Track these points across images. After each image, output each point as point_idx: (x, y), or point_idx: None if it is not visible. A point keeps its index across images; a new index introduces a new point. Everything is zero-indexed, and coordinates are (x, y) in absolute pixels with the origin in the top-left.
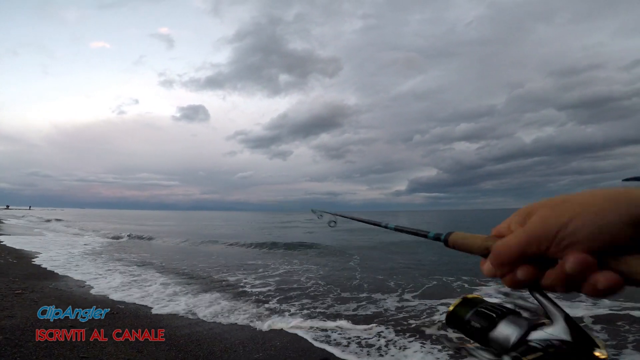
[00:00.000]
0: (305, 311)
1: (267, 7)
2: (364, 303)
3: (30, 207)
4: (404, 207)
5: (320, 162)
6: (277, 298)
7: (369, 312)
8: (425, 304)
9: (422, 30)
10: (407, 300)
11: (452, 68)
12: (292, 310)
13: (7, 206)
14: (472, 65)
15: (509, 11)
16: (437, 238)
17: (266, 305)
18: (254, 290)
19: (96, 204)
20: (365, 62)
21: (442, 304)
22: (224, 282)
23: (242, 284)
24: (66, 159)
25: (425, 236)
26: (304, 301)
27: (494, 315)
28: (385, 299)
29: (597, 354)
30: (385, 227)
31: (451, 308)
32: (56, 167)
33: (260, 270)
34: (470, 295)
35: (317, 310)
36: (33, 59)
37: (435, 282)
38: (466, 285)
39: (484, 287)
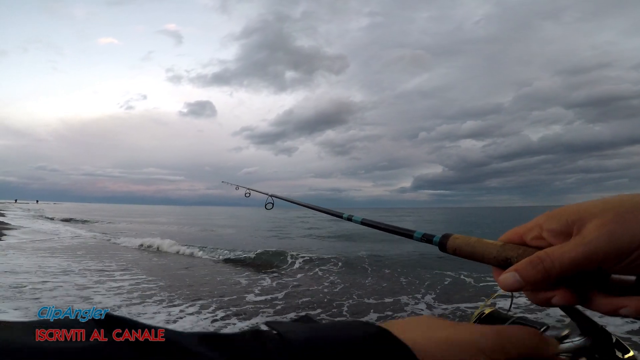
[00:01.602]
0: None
1: (275, 4)
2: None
3: (37, 201)
4: (408, 204)
5: (325, 158)
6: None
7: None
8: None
9: (429, 28)
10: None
11: (459, 66)
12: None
13: (16, 200)
14: (479, 63)
15: (517, 9)
16: (427, 240)
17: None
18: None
19: (102, 199)
20: (371, 59)
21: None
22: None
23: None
24: (73, 154)
25: (409, 236)
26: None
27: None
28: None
29: (627, 357)
30: (348, 219)
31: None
32: (63, 161)
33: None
34: (487, 310)
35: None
36: (42, 55)
37: (450, 280)
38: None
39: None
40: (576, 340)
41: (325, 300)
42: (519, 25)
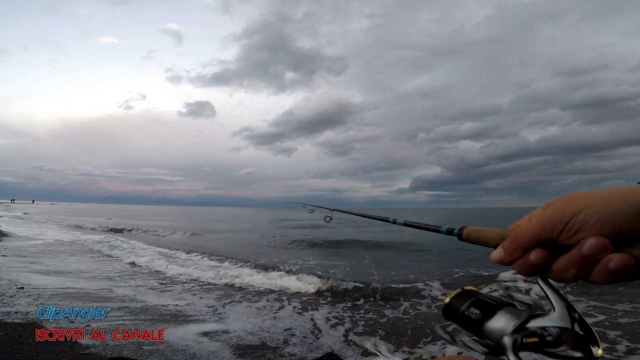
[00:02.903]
0: None
1: (276, 5)
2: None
3: (33, 201)
4: (407, 204)
5: (324, 159)
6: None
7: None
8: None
9: (430, 29)
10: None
11: (459, 67)
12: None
13: (13, 200)
14: (480, 64)
15: (517, 11)
16: (450, 232)
17: None
18: None
19: (100, 199)
20: (372, 60)
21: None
22: None
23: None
24: (71, 154)
25: (437, 231)
26: None
27: (491, 305)
28: None
29: (593, 348)
30: (394, 222)
31: (447, 300)
32: (61, 161)
33: None
34: (467, 287)
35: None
36: (43, 54)
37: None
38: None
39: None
40: (547, 316)
41: None
42: (520, 27)
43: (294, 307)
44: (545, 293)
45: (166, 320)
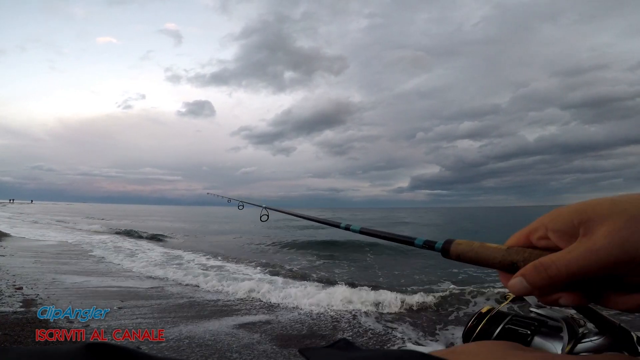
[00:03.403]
0: None
1: (275, 5)
2: None
3: (32, 201)
4: (406, 204)
5: (323, 158)
6: None
7: None
8: None
9: (428, 29)
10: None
11: (457, 67)
12: None
13: (12, 200)
14: (478, 64)
15: (515, 11)
16: (429, 246)
17: None
18: None
19: (98, 198)
20: (370, 60)
21: None
22: None
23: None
24: (70, 153)
25: (410, 244)
26: None
27: (527, 331)
28: None
29: None
30: (347, 229)
31: (471, 325)
32: (60, 161)
33: None
34: (485, 308)
35: None
36: (40, 55)
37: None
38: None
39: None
40: (595, 340)
41: None
42: (518, 27)
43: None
44: (584, 317)
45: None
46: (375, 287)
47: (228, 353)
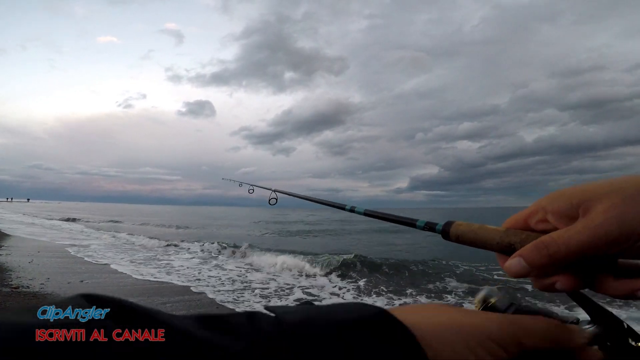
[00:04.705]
0: None
1: (276, 5)
2: None
3: (28, 199)
4: (405, 204)
5: (322, 158)
6: None
7: None
8: None
9: (428, 30)
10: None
11: (457, 67)
12: None
13: (9, 199)
14: (477, 64)
15: (514, 12)
16: (430, 228)
17: None
18: None
19: (97, 198)
20: (370, 60)
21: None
22: None
23: None
24: (69, 153)
25: (412, 225)
26: None
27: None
28: None
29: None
30: (352, 210)
31: (493, 301)
32: (58, 160)
33: None
34: (493, 300)
35: None
36: (40, 54)
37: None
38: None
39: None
40: (586, 328)
41: None
42: (517, 27)
43: None
44: (579, 305)
45: None
46: None
47: None
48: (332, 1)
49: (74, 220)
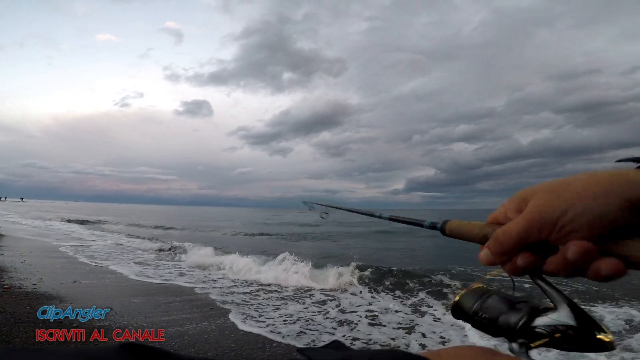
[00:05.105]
0: None
1: (277, 6)
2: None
3: (22, 198)
4: (401, 205)
5: (320, 159)
6: None
7: None
8: None
9: (427, 32)
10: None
11: (455, 70)
12: None
13: (3, 198)
14: (475, 67)
15: (513, 16)
16: (433, 227)
17: None
18: None
19: (91, 197)
20: (369, 62)
21: None
22: None
23: None
24: (64, 151)
25: (421, 225)
26: None
27: (501, 305)
28: None
29: (600, 337)
30: (379, 217)
31: (457, 299)
32: (53, 158)
33: None
34: (474, 285)
35: None
36: (39, 51)
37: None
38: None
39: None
40: (550, 314)
41: None
42: (515, 31)
43: None
44: (543, 291)
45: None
46: None
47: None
48: (333, 3)
49: (68, 221)
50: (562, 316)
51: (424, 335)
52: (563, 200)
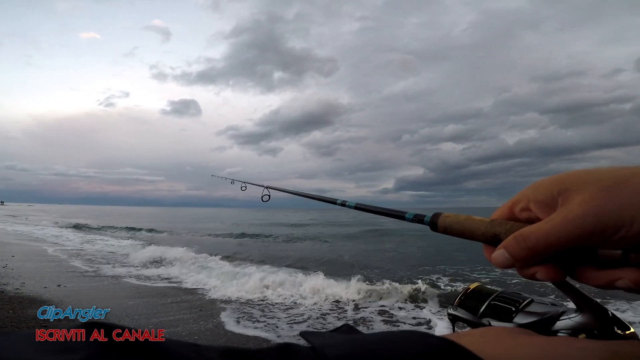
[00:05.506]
0: None
1: (268, 5)
2: None
3: (2, 202)
4: (390, 204)
5: (310, 159)
6: None
7: None
8: None
9: (418, 33)
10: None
11: (444, 71)
12: None
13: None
14: (464, 68)
15: (500, 18)
16: (418, 220)
17: None
18: None
19: (74, 200)
20: (360, 62)
21: None
22: None
23: None
24: (45, 153)
25: (402, 218)
26: None
27: (512, 308)
28: None
29: (628, 332)
30: (342, 204)
31: (457, 302)
32: (34, 160)
33: None
34: (473, 285)
35: None
36: (17, 50)
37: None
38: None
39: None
40: (573, 317)
41: None
42: (502, 33)
43: None
44: (564, 293)
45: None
46: None
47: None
48: (325, 2)
49: (55, 223)
50: (586, 318)
51: None
52: (625, 203)
